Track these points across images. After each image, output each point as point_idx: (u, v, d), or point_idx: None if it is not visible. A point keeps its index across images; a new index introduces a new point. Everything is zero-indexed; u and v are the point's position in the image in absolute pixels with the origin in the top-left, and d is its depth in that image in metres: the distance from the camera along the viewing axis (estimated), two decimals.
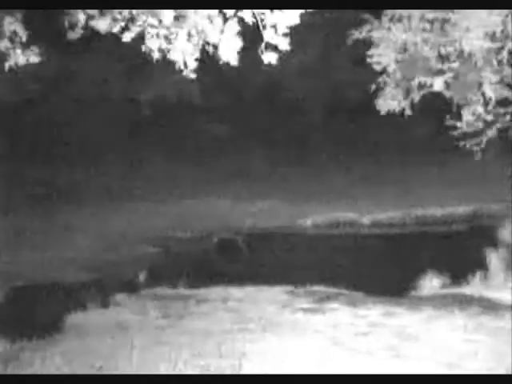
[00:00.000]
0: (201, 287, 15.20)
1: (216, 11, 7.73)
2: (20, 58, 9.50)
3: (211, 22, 7.86)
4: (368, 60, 14.04)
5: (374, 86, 14.19)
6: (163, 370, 10.10)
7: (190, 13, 7.86)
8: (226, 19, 7.75)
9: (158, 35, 8.10)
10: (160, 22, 8.00)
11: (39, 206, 23.80)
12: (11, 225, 21.38)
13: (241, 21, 7.59)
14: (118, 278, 16.64)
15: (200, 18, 7.86)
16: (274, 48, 7.58)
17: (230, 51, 7.71)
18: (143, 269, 17.22)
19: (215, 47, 7.87)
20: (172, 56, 8.01)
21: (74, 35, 9.13)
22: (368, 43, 13.96)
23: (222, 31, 7.79)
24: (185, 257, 19.54)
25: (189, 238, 21.04)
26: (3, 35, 9.41)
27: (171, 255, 19.56)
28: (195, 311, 13.65)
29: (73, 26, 9.04)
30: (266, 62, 7.69)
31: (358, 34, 14.07)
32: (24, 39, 9.53)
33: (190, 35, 7.97)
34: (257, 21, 7.47)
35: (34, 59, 9.66)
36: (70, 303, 14.22)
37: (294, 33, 7.60)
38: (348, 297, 14.41)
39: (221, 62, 7.93)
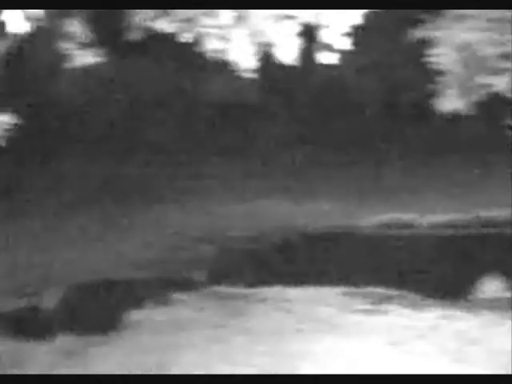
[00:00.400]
0: (259, 287, 15.24)
1: (275, 11, 7.72)
2: (81, 58, 9.69)
3: (270, 22, 7.86)
4: (427, 60, 13.87)
5: (432, 86, 14.03)
6: (221, 369, 10.16)
7: (249, 13, 7.87)
8: (284, 19, 7.74)
9: (216, 36, 8.13)
10: (219, 22, 8.03)
11: (101, 203, 24.15)
12: (74, 222, 21.76)
13: (300, 21, 7.57)
14: (176, 277, 16.78)
15: (259, 18, 7.87)
16: (333, 48, 7.54)
17: (288, 51, 7.69)
18: (202, 267, 17.34)
19: (273, 47, 7.87)
20: (230, 56, 8.03)
21: (134, 36, 9.25)
22: (427, 43, 13.80)
23: (280, 31, 7.77)
24: (243, 256, 19.61)
25: (247, 238, 21.10)
26: (66, 36, 9.60)
27: (230, 254, 19.64)
28: (253, 310, 13.68)
29: (133, 27, 9.16)
30: (324, 62, 7.65)
31: (417, 33, 13.92)
32: (85, 40, 9.71)
33: (248, 35, 7.98)
34: (316, 21, 7.44)
35: (95, 60, 9.83)
36: (130, 300, 14.42)
37: (353, 33, 7.55)
38: (406, 299, 14.27)
39: (279, 63, 7.92)
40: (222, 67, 9.40)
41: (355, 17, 7.29)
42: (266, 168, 29.90)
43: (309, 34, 7.88)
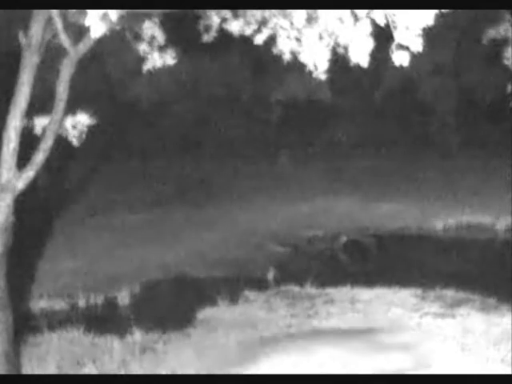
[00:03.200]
0: (328, 287, 15.20)
1: (347, 12, 7.70)
2: (157, 60, 9.87)
3: (342, 22, 7.83)
4: (505, 61, 13.60)
5: (510, 87, 13.76)
6: (294, 369, 10.20)
7: (321, 14, 7.87)
8: (357, 20, 7.70)
9: (289, 37, 8.16)
10: (291, 23, 8.05)
11: (177, 203, 24.47)
12: (149, 221, 22.10)
13: (372, 22, 7.52)
14: (246, 275, 16.88)
15: (331, 19, 7.86)
16: (406, 49, 7.47)
17: (361, 52, 7.65)
18: (271, 267, 17.39)
19: (346, 48, 7.84)
20: (303, 57, 8.04)
21: (208, 38, 9.37)
22: (504, 42, 13.54)
23: (353, 32, 7.74)
24: (313, 256, 19.58)
25: (317, 238, 21.05)
26: (142, 39, 9.79)
27: (299, 254, 19.64)
28: (323, 311, 13.67)
29: (207, 29, 9.28)
30: (397, 63, 7.59)
31: (494, 33, 13.66)
32: (161, 42, 9.89)
33: (320, 37, 7.98)
34: (388, 21, 7.39)
35: (170, 61, 9.99)
36: (201, 298, 14.60)
37: (426, 33, 7.46)
38: (479, 302, 14.00)
39: (351, 64, 7.89)
40: (295, 68, 9.44)
41: (428, 17, 7.22)
42: (337, 167, 29.80)
43: (381, 34, 7.83)
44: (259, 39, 8.34)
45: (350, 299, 14.32)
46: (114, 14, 6.75)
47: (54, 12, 8.17)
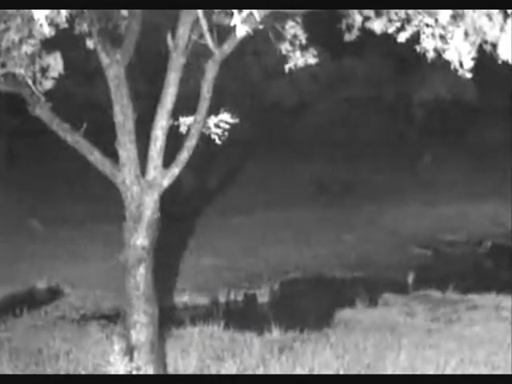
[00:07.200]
0: (471, 293, 14.78)
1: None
2: (299, 59, 9.92)
3: (490, 19, 7.59)
4: None
5: None
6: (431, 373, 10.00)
7: (468, 10, 7.66)
8: (506, 16, 7.45)
9: (433, 35, 7.99)
10: (436, 21, 7.88)
11: (314, 202, 24.52)
12: (283, 220, 22.27)
13: None
14: (386, 278, 16.68)
15: (478, 16, 7.63)
16: None
17: (508, 49, 7.39)
18: (411, 270, 17.09)
19: (494, 46, 7.60)
20: (447, 56, 7.85)
21: (350, 37, 9.32)
22: None
23: (502, 29, 7.49)
24: (454, 260, 19.09)
25: (459, 242, 20.52)
26: (284, 38, 9.87)
27: (440, 258, 19.21)
28: (465, 317, 13.31)
29: (349, 28, 9.23)
30: None
31: None
32: (303, 42, 9.93)
33: (466, 34, 7.77)
34: None
35: (312, 61, 10.02)
36: (340, 299, 14.56)
37: None
38: None
39: (500, 62, 7.64)
40: (439, 67, 9.23)
41: None
42: (481, 168, 28.93)
43: None
44: (402, 37, 8.20)
45: (494, 306, 13.85)
46: (258, 14, 6.82)
47: (201, 13, 8.36)
